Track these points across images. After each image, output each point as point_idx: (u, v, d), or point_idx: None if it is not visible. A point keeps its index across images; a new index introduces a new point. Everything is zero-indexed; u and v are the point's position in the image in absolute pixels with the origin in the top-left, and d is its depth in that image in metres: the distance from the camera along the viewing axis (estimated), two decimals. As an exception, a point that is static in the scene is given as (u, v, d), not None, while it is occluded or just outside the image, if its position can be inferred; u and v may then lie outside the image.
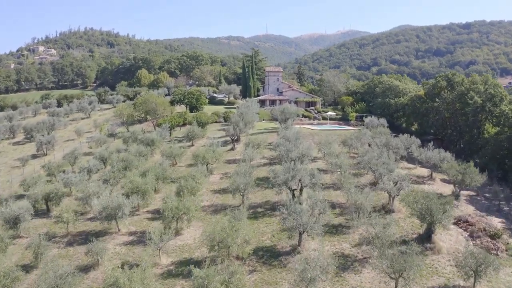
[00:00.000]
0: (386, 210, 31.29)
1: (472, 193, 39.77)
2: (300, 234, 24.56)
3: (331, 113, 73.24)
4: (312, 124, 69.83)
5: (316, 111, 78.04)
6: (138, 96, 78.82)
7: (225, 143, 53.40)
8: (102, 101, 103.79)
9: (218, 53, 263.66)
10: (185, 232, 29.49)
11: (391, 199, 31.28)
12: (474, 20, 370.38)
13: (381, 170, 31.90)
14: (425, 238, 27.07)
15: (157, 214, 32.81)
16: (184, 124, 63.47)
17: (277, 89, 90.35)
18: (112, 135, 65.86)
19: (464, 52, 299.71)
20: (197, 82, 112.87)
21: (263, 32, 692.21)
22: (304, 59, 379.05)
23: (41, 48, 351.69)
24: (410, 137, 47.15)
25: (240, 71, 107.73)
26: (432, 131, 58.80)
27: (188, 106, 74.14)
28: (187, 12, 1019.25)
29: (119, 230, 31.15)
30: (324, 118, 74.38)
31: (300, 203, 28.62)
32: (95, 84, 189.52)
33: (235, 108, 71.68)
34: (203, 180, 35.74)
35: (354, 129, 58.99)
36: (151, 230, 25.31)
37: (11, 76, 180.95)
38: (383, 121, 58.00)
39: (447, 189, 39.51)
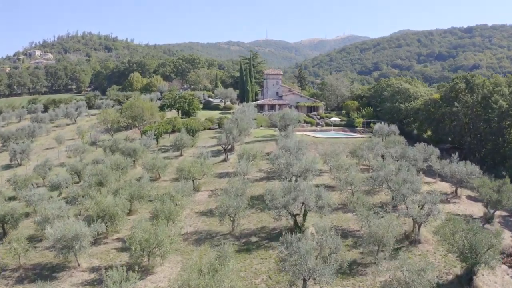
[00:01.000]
0: (410, 240, 25.26)
1: (504, 213, 33.75)
2: (305, 280, 18.51)
3: (335, 118, 67.33)
4: (314, 131, 63.90)
5: (318, 117, 72.14)
6: (125, 101, 72.96)
7: (217, 153, 47.48)
8: (91, 106, 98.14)
9: (218, 58, 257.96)
10: (158, 270, 23.40)
11: (417, 226, 25.24)
12: (476, 24, 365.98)
13: (404, 191, 25.85)
14: (465, 281, 21.05)
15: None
16: (173, 132, 57.49)
17: (277, 93, 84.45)
18: (94, 143, 59.95)
19: (466, 56, 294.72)
20: (192, 86, 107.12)
21: (263, 37, 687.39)
22: (305, 64, 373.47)
23: (38, 53, 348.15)
24: (427, 146, 41.19)
25: (238, 74, 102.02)
26: (449, 138, 52.77)
27: (179, 112, 68.35)
28: (187, 18, 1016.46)
29: (78, 265, 25.09)
30: (327, 124, 68.48)
31: (303, 231, 22.69)
32: (89, 89, 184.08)
33: (231, 113, 65.84)
34: (186, 200, 29.71)
35: (362, 137, 53.04)
36: (109, 274, 19.20)
37: (3, 80, 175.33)
38: (394, 128, 52.05)
39: (476, 208, 33.52)
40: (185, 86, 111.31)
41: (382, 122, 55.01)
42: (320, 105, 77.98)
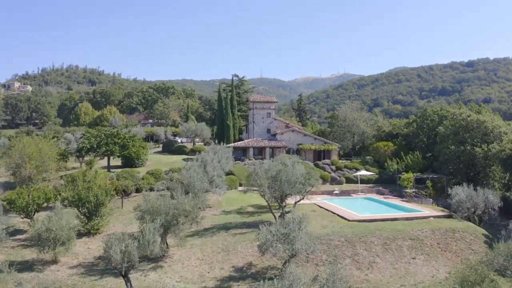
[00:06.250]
0: None
1: None
2: None
3: (364, 172, 41.04)
4: (331, 193, 37.55)
5: (334, 167, 45.91)
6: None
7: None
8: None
9: (211, 95, 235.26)
10: None
11: None
12: (477, 58, 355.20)
13: None
14: None
15: None
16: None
17: (268, 130, 58.75)
18: None
19: (473, 90, 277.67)
20: (158, 121, 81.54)
21: (257, 75, 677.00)
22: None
23: (17, 84, 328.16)
24: None
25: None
26: None
27: (109, 159, 42.28)
28: (180, 55, 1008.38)
29: None
30: (348, 180, 42.36)
31: None
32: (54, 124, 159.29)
33: (182, 167, 39.42)
34: None
35: (434, 217, 26.66)
36: None
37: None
38: (493, 196, 26.39)
39: None
40: (150, 121, 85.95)
41: (463, 183, 29.05)
42: (334, 149, 51.96)
